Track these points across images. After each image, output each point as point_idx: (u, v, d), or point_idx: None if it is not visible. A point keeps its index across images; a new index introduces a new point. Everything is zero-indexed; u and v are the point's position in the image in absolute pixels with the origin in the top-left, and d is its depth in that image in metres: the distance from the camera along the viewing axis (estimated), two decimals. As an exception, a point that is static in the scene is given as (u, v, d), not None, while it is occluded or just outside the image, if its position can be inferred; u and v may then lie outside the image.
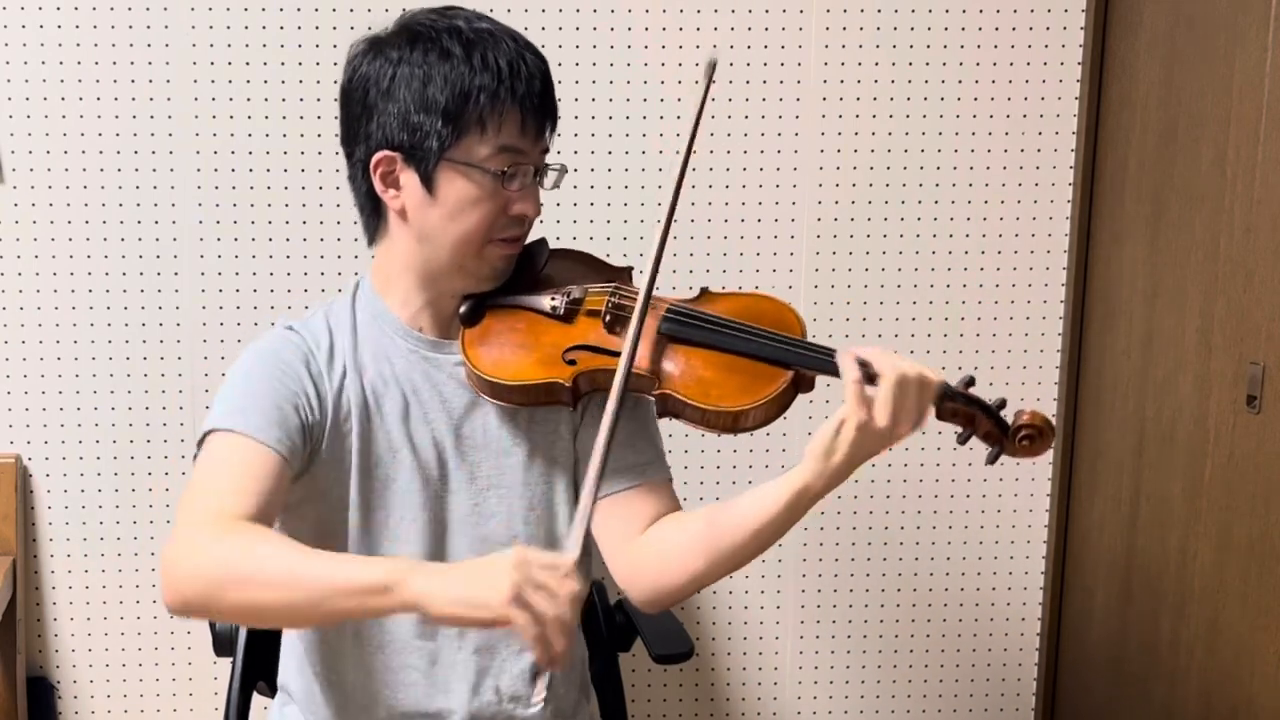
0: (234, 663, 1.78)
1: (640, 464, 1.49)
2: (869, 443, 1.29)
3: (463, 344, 1.45)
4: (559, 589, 1.15)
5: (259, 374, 1.42)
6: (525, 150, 1.41)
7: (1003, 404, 1.38)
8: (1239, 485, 1.92)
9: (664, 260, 1.44)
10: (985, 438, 1.38)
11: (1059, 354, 2.37)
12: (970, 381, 1.37)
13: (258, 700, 1.78)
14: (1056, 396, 2.37)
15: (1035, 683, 2.47)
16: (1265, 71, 1.86)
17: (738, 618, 2.41)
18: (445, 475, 1.47)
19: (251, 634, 1.78)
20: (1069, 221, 2.33)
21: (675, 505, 1.51)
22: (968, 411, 1.36)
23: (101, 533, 2.28)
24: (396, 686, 1.49)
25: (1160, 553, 2.13)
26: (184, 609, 1.28)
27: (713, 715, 2.44)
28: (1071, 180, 2.32)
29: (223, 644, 1.82)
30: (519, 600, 1.14)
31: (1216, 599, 1.98)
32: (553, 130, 1.46)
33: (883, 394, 1.28)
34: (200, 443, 1.40)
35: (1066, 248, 2.34)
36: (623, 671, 1.88)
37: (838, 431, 1.29)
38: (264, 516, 1.32)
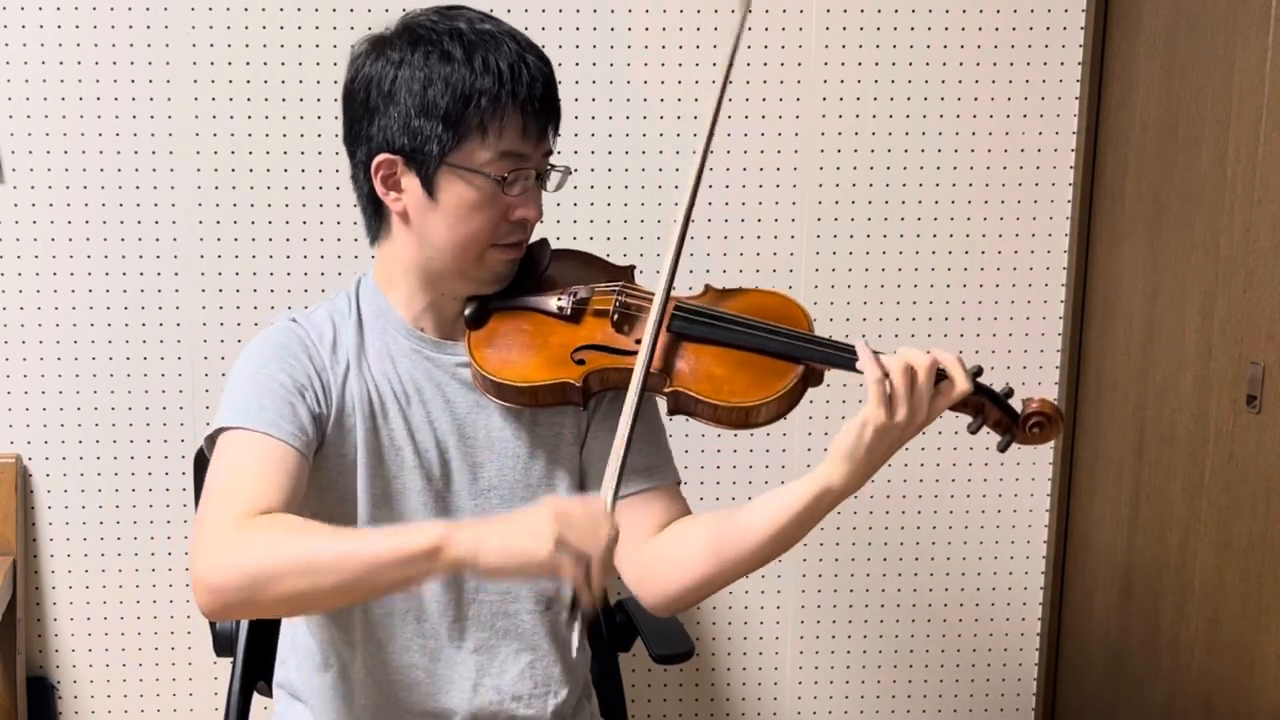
0: (234, 663, 1.78)
1: (650, 467, 1.49)
2: (891, 439, 1.31)
3: (469, 346, 1.44)
4: (597, 531, 1.20)
5: (265, 368, 1.41)
6: (527, 154, 1.40)
7: (1010, 392, 1.39)
8: (1239, 485, 1.92)
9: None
10: (995, 426, 1.39)
11: (1059, 354, 2.37)
12: (978, 371, 1.38)
13: (258, 700, 1.78)
14: (1057, 397, 2.37)
15: (1035, 683, 2.47)
16: (1265, 71, 1.86)
17: (738, 618, 2.41)
18: (447, 475, 1.47)
19: (252, 634, 1.78)
20: (1069, 221, 2.33)
21: (685, 509, 1.50)
22: (977, 401, 1.37)
23: (101, 533, 2.28)
24: (400, 686, 1.49)
25: (1160, 553, 2.13)
26: (224, 611, 1.26)
27: (713, 715, 2.44)
28: (1071, 180, 2.32)
29: (223, 644, 1.82)
30: (563, 546, 1.18)
31: (1216, 599, 1.98)
32: (556, 132, 1.44)
33: (898, 388, 1.29)
34: (211, 439, 1.38)
35: (1066, 247, 2.34)
36: (623, 671, 1.88)
37: (861, 432, 1.30)
38: (288, 510, 1.31)
